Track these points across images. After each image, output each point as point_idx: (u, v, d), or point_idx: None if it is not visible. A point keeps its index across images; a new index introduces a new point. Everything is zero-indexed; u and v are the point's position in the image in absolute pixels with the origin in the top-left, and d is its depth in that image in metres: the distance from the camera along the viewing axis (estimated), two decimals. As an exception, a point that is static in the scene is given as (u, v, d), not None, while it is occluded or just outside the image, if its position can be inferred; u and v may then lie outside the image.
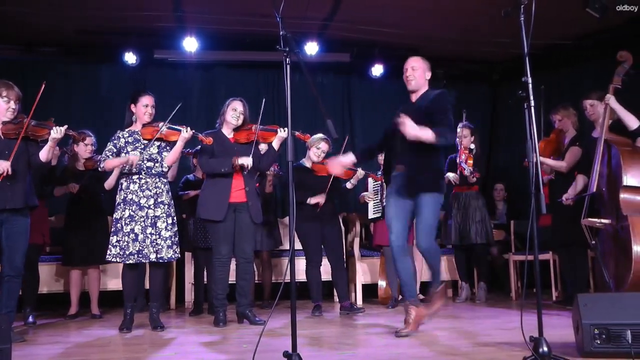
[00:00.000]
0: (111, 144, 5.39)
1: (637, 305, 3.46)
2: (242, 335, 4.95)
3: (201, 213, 5.63)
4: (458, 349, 3.92)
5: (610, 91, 5.45)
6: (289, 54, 3.49)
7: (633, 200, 5.09)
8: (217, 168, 5.57)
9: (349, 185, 6.65)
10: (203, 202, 5.65)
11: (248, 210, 5.66)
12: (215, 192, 5.59)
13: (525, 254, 4.25)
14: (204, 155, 5.68)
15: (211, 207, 5.56)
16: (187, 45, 8.06)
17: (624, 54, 5.48)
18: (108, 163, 5.36)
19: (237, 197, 5.62)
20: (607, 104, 5.42)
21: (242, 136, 5.75)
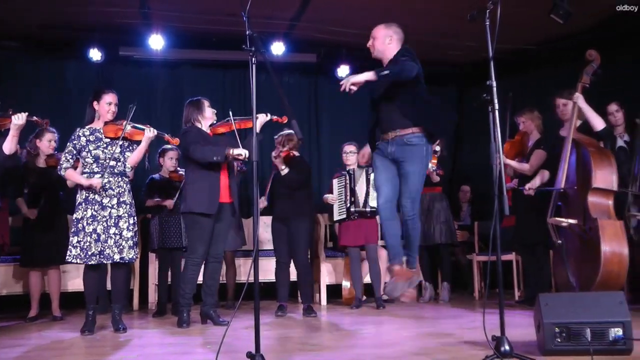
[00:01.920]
0: (70, 145, 5.22)
1: (597, 304, 3.52)
2: (206, 336, 4.91)
3: (194, 207, 5.48)
4: (421, 349, 3.94)
5: (578, 90, 5.52)
6: (255, 54, 3.48)
7: (601, 203, 5.17)
8: (209, 156, 5.44)
9: (282, 172, 6.43)
10: (192, 195, 5.52)
11: (231, 208, 5.66)
12: (206, 187, 5.50)
13: (488, 255, 4.28)
14: (193, 145, 5.48)
15: (202, 200, 5.46)
16: (153, 42, 8.01)
17: (593, 53, 5.54)
18: (70, 174, 5.22)
19: (224, 198, 5.60)
20: (575, 102, 5.49)
21: (221, 129, 5.73)
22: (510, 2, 5.95)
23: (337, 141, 8.35)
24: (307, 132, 9.17)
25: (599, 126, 5.46)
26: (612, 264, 4.90)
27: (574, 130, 5.46)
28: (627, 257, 4.95)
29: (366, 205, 6.91)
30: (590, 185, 5.16)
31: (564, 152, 5.43)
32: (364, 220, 6.98)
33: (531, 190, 5.86)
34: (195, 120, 5.71)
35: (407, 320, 5.76)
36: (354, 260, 7.04)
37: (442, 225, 7.25)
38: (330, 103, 9.56)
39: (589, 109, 5.49)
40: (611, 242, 4.93)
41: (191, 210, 5.52)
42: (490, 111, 3.68)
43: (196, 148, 5.48)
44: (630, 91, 7.40)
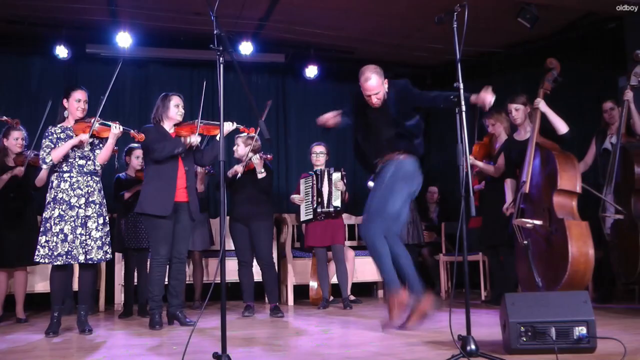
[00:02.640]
0: (47, 140, 5.13)
1: (561, 303, 3.57)
2: (173, 337, 4.88)
3: (146, 208, 5.44)
4: (388, 349, 3.96)
5: (540, 95, 5.61)
6: (223, 53, 3.47)
7: (566, 204, 5.27)
8: (171, 150, 5.42)
9: (259, 175, 6.39)
10: (147, 196, 5.47)
11: (188, 209, 5.61)
12: (161, 187, 5.46)
13: (455, 255, 4.32)
14: (150, 147, 5.46)
15: (157, 202, 5.42)
16: (120, 40, 7.94)
17: (553, 62, 5.64)
18: (55, 153, 5.06)
19: (180, 196, 5.54)
20: (537, 108, 5.57)
21: (184, 130, 5.64)
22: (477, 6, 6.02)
23: (305, 141, 8.38)
24: (274, 132, 9.18)
25: (563, 129, 5.54)
26: (579, 263, 4.97)
27: (537, 134, 5.54)
28: (593, 257, 5.04)
29: (330, 205, 6.93)
30: (556, 187, 5.25)
31: (528, 156, 5.50)
32: (330, 220, 7.00)
33: (510, 209, 5.88)
34: (160, 120, 5.66)
35: (374, 320, 5.77)
36: (321, 261, 7.06)
37: (409, 225, 7.30)
38: (298, 103, 9.59)
39: (552, 113, 5.57)
40: (578, 242, 5.01)
41: (144, 211, 5.48)
42: (457, 113, 3.72)
43: (157, 149, 5.45)
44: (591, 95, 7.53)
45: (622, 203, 5.79)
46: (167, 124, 5.66)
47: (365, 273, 8.01)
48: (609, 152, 6.25)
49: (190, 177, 5.66)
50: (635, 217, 5.64)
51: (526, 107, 5.87)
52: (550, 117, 5.57)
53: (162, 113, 5.64)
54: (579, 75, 5.90)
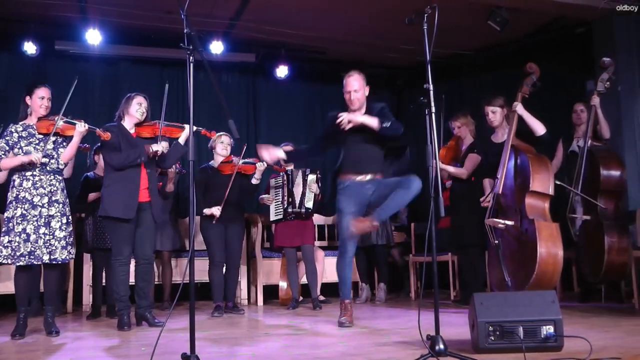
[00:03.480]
0: (3, 142, 5.03)
1: (529, 303, 3.60)
2: (141, 338, 4.84)
3: (110, 211, 5.36)
4: (358, 350, 3.96)
5: (518, 99, 5.68)
6: (193, 52, 3.45)
7: (538, 205, 5.34)
8: (133, 160, 5.36)
9: (254, 181, 6.58)
10: (110, 199, 5.38)
11: (151, 209, 5.56)
12: (124, 190, 5.37)
13: (424, 255, 4.35)
14: (111, 151, 5.40)
15: (120, 205, 5.34)
16: (90, 37, 7.84)
17: (533, 67, 5.72)
18: (4, 163, 5.01)
19: (142, 197, 5.47)
20: (515, 111, 5.63)
21: (146, 131, 5.58)
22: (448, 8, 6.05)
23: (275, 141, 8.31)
24: (245, 132, 9.15)
25: (540, 131, 5.60)
26: (547, 264, 5.03)
27: (513, 137, 5.60)
28: (562, 258, 5.11)
29: (302, 206, 6.93)
30: (528, 188, 5.32)
31: (503, 158, 5.56)
32: (300, 220, 7.00)
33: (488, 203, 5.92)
34: (120, 117, 5.59)
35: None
36: (291, 261, 7.05)
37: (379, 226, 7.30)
38: (268, 103, 9.57)
39: (529, 115, 5.63)
40: (547, 242, 5.07)
41: (107, 214, 5.40)
42: (427, 114, 3.73)
43: (114, 157, 5.39)
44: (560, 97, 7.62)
45: (589, 205, 5.87)
46: (128, 122, 5.57)
47: (334, 273, 7.96)
48: (576, 154, 6.34)
49: (153, 179, 5.60)
50: (601, 218, 5.72)
51: (503, 109, 5.90)
52: (528, 120, 5.62)
53: (124, 110, 5.57)
54: (549, 78, 5.96)
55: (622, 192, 5.97)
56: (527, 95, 5.71)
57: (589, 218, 5.82)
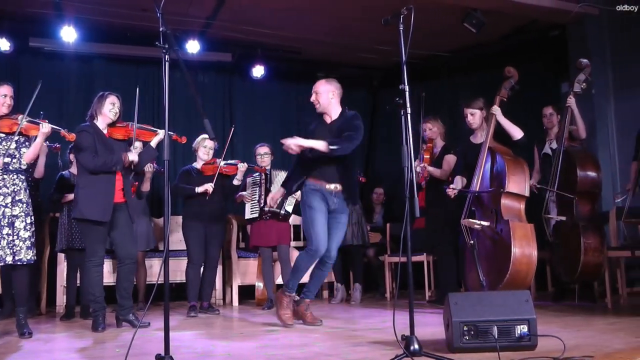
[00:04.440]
0: None
1: (504, 303, 3.63)
2: (116, 339, 4.80)
3: (87, 214, 5.26)
4: (333, 350, 3.96)
5: (496, 102, 5.75)
6: (168, 51, 3.43)
7: (513, 206, 5.40)
8: (109, 167, 5.30)
9: (236, 182, 6.63)
10: (86, 201, 5.28)
11: (127, 209, 5.51)
12: (100, 192, 5.29)
13: (399, 256, 4.36)
14: (86, 152, 5.30)
15: (97, 208, 5.26)
16: (65, 34, 7.74)
17: (512, 70, 5.80)
18: None
19: (116, 197, 5.40)
20: (493, 114, 5.67)
21: (119, 133, 5.51)
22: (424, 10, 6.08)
23: (250, 141, 8.35)
24: (221, 131, 9.11)
25: (517, 135, 5.65)
26: (521, 264, 5.09)
27: (491, 139, 5.64)
28: (536, 258, 5.17)
29: (281, 207, 6.91)
30: (504, 189, 5.36)
31: (480, 159, 5.60)
32: (276, 222, 6.99)
33: (454, 191, 5.95)
34: (93, 117, 5.50)
35: (319, 320, 5.79)
36: (266, 261, 7.04)
37: (354, 226, 7.32)
38: (244, 103, 9.54)
39: (506, 121, 5.68)
40: (521, 243, 5.13)
41: (83, 217, 5.30)
42: (402, 115, 3.74)
43: (90, 160, 5.30)
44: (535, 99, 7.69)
45: (564, 206, 5.92)
46: (100, 122, 5.48)
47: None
48: (549, 156, 6.40)
49: (127, 180, 5.54)
50: (577, 219, 5.77)
51: (482, 111, 5.94)
52: (505, 125, 5.67)
53: (97, 109, 5.48)
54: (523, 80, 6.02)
55: (598, 193, 6.02)
56: (506, 99, 5.76)
57: (565, 219, 5.87)
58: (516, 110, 6.21)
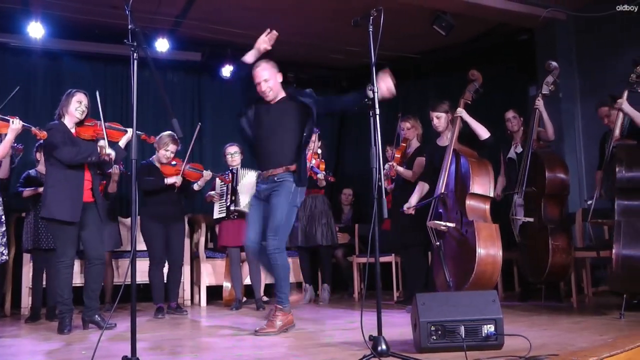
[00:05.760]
0: None
1: (471, 303, 3.66)
2: (82, 341, 4.74)
3: (57, 214, 5.16)
4: (301, 350, 3.96)
5: (461, 105, 5.79)
6: (137, 49, 3.40)
7: (478, 207, 5.44)
8: (85, 157, 5.19)
9: (196, 187, 6.64)
10: (54, 201, 5.17)
11: (96, 208, 5.44)
12: (69, 191, 5.20)
13: (367, 256, 4.38)
14: (60, 146, 5.17)
15: (66, 208, 5.16)
16: (32, 30, 7.63)
17: (475, 74, 5.84)
18: None
19: (85, 197, 5.32)
20: (458, 116, 5.71)
21: (87, 132, 5.42)
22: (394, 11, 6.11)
23: (219, 141, 8.32)
24: (189, 130, 9.04)
25: (484, 135, 5.69)
26: (486, 264, 5.13)
27: (456, 141, 5.68)
28: (501, 258, 5.21)
29: (248, 206, 6.89)
30: (468, 190, 5.41)
31: (445, 161, 5.64)
32: (244, 220, 6.97)
33: (410, 209, 5.98)
34: (60, 115, 5.41)
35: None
36: (234, 261, 7.02)
37: (323, 227, 7.32)
38: (213, 102, 9.52)
39: (472, 120, 5.72)
40: (486, 243, 5.17)
41: (53, 217, 5.20)
42: (371, 116, 3.75)
43: (66, 152, 5.20)
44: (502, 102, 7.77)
45: (532, 207, 5.97)
46: (68, 121, 5.38)
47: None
48: (513, 160, 6.48)
49: (95, 180, 5.46)
50: (546, 221, 5.82)
51: (448, 114, 5.97)
52: (472, 125, 5.71)
53: (64, 108, 5.38)
54: (492, 83, 6.09)
55: (567, 195, 6.08)
56: (470, 102, 5.81)
57: (532, 220, 5.92)
58: (484, 112, 6.26)
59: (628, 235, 4.92)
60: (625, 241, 4.91)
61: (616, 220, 5.00)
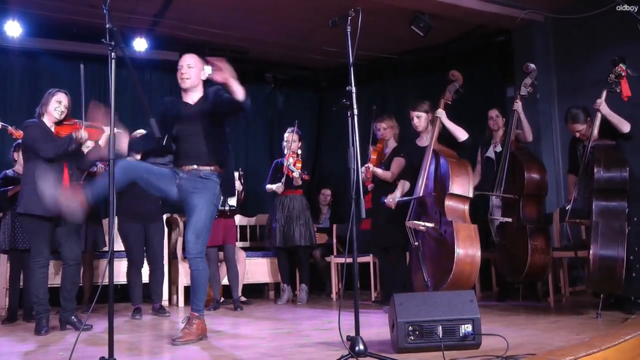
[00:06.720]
0: None
1: (448, 302, 3.67)
2: (59, 342, 4.69)
3: (31, 208, 5.09)
4: (278, 350, 3.95)
5: (441, 106, 5.78)
6: (115, 48, 3.39)
7: (457, 207, 5.45)
8: (64, 145, 5.11)
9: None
10: (31, 196, 5.02)
11: None
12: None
13: (345, 257, 4.38)
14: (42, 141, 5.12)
15: (42, 202, 5.13)
16: (9, 29, 7.56)
17: (456, 74, 5.84)
18: None
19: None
20: (438, 117, 5.73)
21: (66, 131, 5.34)
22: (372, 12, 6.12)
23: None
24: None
25: (462, 137, 5.70)
26: (465, 264, 5.14)
27: (435, 142, 5.70)
28: (479, 258, 5.22)
29: (225, 204, 6.88)
30: (447, 190, 5.42)
31: (424, 162, 5.66)
32: (222, 219, 6.94)
33: (392, 202, 5.99)
34: (40, 114, 5.36)
35: (264, 321, 5.77)
36: (212, 261, 6.98)
37: (301, 227, 7.31)
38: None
39: (450, 123, 5.74)
40: (464, 243, 5.17)
41: (28, 211, 5.13)
42: (349, 116, 3.76)
43: (46, 145, 5.14)
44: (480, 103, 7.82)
45: (510, 208, 6.00)
46: (47, 120, 5.35)
47: (256, 274, 8.03)
48: (492, 160, 6.51)
49: (74, 178, 5.39)
50: (524, 221, 5.85)
51: (428, 114, 5.97)
52: (450, 127, 5.72)
53: (44, 107, 5.34)
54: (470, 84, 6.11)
55: (545, 195, 6.12)
56: (450, 102, 5.82)
57: (510, 220, 5.94)
58: (462, 113, 6.28)
59: (605, 236, 4.96)
60: (603, 242, 4.95)
61: (594, 220, 5.03)
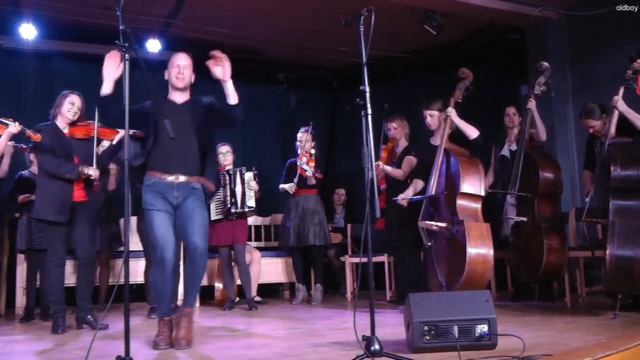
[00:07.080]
0: None
1: (464, 302, 3.65)
2: (76, 341, 4.72)
3: (42, 214, 5.18)
4: (293, 350, 3.95)
5: (451, 104, 5.76)
6: (128, 50, 3.40)
7: (468, 206, 5.43)
8: (62, 173, 5.18)
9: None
10: (43, 201, 5.20)
11: (88, 209, 5.41)
12: (57, 192, 5.20)
13: (360, 256, 4.37)
14: (44, 153, 5.23)
15: (53, 208, 5.17)
16: (24, 32, 7.60)
17: (466, 72, 5.81)
18: None
19: (78, 196, 5.31)
20: (448, 115, 5.71)
21: (79, 132, 5.41)
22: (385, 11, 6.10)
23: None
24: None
25: (473, 134, 5.68)
26: (477, 263, 5.12)
27: (446, 140, 5.68)
28: (492, 257, 5.20)
29: (244, 205, 6.88)
30: (458, 190, 5.40)
31: (436, 161, 5.64)
32: (237, 220, 6.96)
33: (404, 200, 5.98)
34: (54, 116, 5.41)
35: (279, 321, 5.78)
36: (225, 261, 6.99)
37: (316, 227, 7.30)
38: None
39: (460, 121, 5.71)
40: (476, 242, 5.16)
41: (40, 217, 5.23)
42: (363, 116, 3.75)
43: (46, 162, 5.22)
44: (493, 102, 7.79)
45: (525, 207, 5.97)
46: (60, 122, 5.40)
47: (270, 274, 8.04)
48: (507, 158, 6.47)
49: (89, 178, 5.42)
50: (539, 220, 5.82)
51: (441, 113, 5.95)
52: (460, 125, 5.70)
53: (57, 108, 5.39)
54: (483, 82, 6.09)
55: (560, 194, 6.09)
56: (460, 100, 5.80)
57: (525, 219, 5.91)
58: (474, 111, 6.26)
59: (622, 235, 4.89)
60: (620, 241, 4.89)
61: (610, 220, 4.97)
